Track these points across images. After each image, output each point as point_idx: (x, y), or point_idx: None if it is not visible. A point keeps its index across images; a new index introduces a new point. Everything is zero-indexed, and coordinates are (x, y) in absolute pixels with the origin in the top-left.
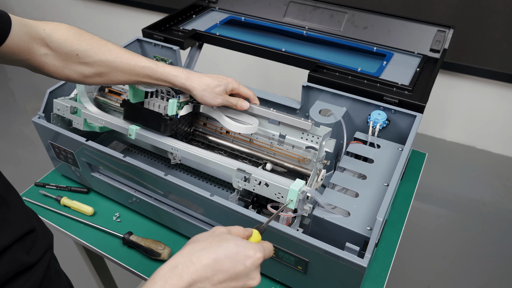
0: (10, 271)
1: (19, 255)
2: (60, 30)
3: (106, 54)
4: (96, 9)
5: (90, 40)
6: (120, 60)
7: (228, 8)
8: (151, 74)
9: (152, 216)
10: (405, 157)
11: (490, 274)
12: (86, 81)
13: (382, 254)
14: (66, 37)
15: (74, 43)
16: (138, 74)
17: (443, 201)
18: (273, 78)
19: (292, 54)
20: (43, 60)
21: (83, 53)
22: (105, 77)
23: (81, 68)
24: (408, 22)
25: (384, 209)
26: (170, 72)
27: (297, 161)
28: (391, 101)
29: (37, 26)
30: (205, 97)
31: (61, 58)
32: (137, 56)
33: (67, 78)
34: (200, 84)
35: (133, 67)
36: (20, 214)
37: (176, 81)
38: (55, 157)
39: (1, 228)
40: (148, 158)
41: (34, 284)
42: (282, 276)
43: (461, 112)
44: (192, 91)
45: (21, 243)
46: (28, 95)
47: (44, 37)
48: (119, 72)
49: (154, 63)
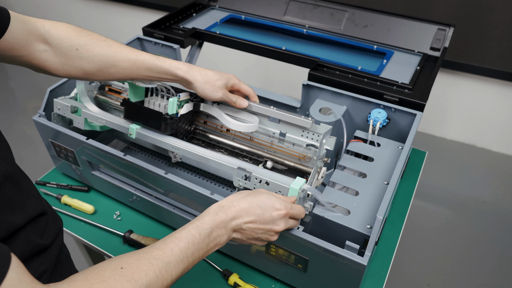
0: (26, 251)
1: (33, 236)
2: (59, 26)
3: (106, 49)
4: (96, 7)
5: (89, 36)
6: (120, 54)
7: (228, 6)
8: (152, 67)
9: (152, 215)
10: (405, 155)
11: (490, 273)
12: (87, 77)
13: (382, 252)
14: (65, 33)
15: (73, 39)
16: (139, 67)
17: (443, 200)
18: (273, 76)
19: (292, 52)
20: (43, 57)
21: (83, 47)
22: (106, 72)
23: (81, 63)
24: (408, 21)
25: (384, 208)
26: (171, 65)
27: (297, 159)
28: (391, 99)
29: (36, 23)
30: (206, 90)
31: (61, 54)
32: (137, 51)
33: (68, 74)
34: (201, 76)
35: (133, 61)
36: (32, 198)
37: (178, 73)
38: (55, 155)
39: (15, 209)
40: (149, 157)
41: (49, 265)
42: (282, 275)
43: (461, 110)
44: (193, 84)
45: (34, 225)
46: (28, 94)
47: (43, 34)
48: (119, 67)
49: (154, 57)
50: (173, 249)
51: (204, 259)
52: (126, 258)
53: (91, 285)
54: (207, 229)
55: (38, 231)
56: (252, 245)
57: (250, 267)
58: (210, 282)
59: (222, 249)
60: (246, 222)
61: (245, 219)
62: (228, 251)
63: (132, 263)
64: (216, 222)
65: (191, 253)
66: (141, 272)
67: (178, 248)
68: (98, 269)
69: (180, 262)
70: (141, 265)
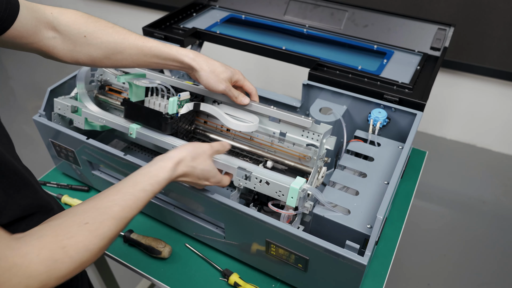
0: None
1: None
2: (67, 13)
3: (114, 35)
4: (96, 7)
5: (97, 22)
6: (128, 41)
7: (228, 6)
8: (158, 54)
9: (152, 214)
10: (405, 155)
11: (490, 272)
12: (94, 63)
13: (382, 252)
14: (73, 19)
15: (81, 25)
16: (146, 54)
17: (443, 199)
18: (274, 76)
19: (292, 52)
20: (51, 43)
21: (91, 34)
22: (113, 58)
23: (89, 49)
24: (408, 20)
25: (384, 207)
26: (178, 51)
27: (297, 159)
28: (392, 99)
29: (45, 10)
30: (210, 80)
31: (69, 41)
32: (144, 37)
33: (76, 61)
34: (207, 65)
35: (140, 47)
36: (41, 194)
37: (184, 60)
38: (56, 155)
39: (29, 192)
40: (149, 156)
41: None
42: (282, 274)
43: (461, 110)
44: (199, 72)
45: (45, 215)
46: (28, 94)
47: (51, 21)
48: (126, 53)
49: (161, 43)
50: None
51: (204, 259)
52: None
53: (60, 241)
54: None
55: None
56: (252, 245)
57: (250, 266)
58: (210, 282)
59: (222, 249)
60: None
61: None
62: (228, 251)
63: (96, 219)
64: None
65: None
66: (105, 227)
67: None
68: (64, 224)
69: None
70: (104, 220)
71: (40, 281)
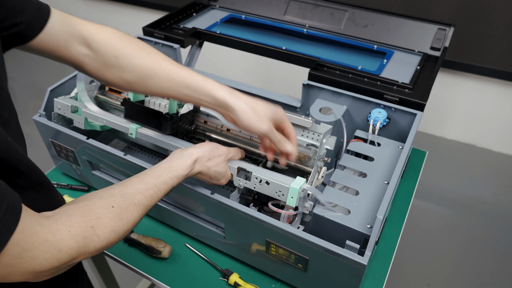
0: None
1: None
2: (104, 32)
3: (146, 59)
4: (96, 7)
5: (131, 44)
6: (160, 67)
7: (228, 6)
8: (190, 84)
9: (152, 214)
10: (405, 155)
11: (490, 272)
12: (125, 87)
13: (382, 252)
14: (108, 39)
15: (114, 46)
16: (177, 83)
17: (443, 199)
18: (274, 76)
19: (292, 52)
20: (83, 60)
21: (123, 56)
22: (144, 84)
23: (120, 72)
24: (408, 20)
25: (384, 207)
26: (213, 85)
27: (297, 159)
28: (392, 99)
29: (82, 26)
30: (251, 119)
31: (101, 60)
32: (180, 66)
33: (106, 81)
34: (247, 102)
35: (172, 74)
36: (56, 193)
37: (217, 95)
38: (56, 155)
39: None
40: (149, 156)
41: None
42: (282, 274)
43: (461, 110)
44: (236, 111)
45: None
46: (28, 94)
47: (86, 37)
48: (157, 80)
49: (198, 74)
50: (153, 196)
51: (204, 259)
52: (115, 197)
53: (89, 220)
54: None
55: None
56: (252, 245)
57: (250, 266)
58: (210, 282)
59: (222, 249)
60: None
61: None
62: (228, 251)
63: (121, 203)
64: None
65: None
66: (128, 212)
67: (157, 195)
68: (91, 206)
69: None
70: (128, 206)
71: (71, 255)
